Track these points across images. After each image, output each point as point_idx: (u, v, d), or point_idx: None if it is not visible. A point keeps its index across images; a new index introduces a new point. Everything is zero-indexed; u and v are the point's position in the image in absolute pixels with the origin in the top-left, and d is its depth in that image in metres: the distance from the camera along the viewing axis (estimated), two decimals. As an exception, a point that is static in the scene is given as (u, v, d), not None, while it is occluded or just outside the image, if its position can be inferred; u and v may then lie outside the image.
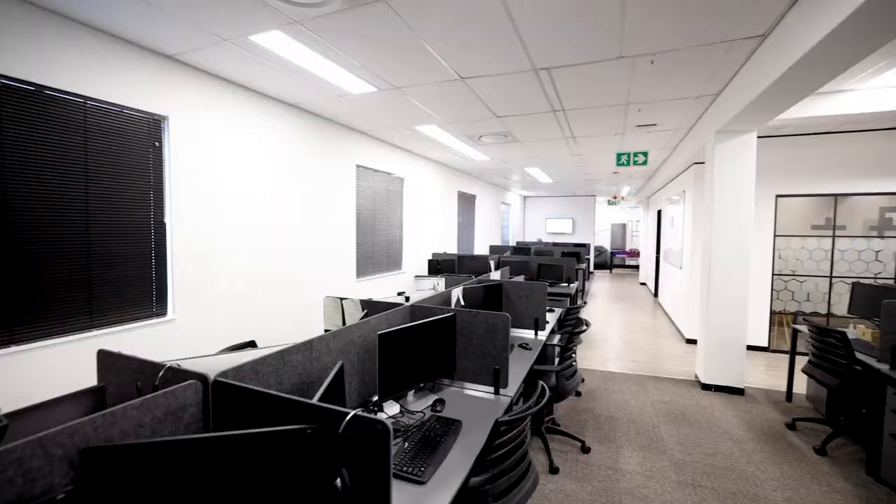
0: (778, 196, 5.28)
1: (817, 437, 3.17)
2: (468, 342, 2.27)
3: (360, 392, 1.96)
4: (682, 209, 6.56)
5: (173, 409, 1.07)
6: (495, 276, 4.07)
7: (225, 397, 1.17)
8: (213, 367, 1.28)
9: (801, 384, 3.95)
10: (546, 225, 14.19)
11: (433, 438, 1.63)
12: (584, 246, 12.07)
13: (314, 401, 1.07)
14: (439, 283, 4.06)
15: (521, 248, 9.34)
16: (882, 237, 5.02)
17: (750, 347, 5.19)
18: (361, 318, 2.17)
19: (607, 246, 16.26)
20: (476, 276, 3.90)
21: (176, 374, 1.21)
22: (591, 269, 14.07)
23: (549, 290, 5.83)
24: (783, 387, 4.10)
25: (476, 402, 2.04)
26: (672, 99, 3.87)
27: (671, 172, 7.16)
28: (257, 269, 3.75)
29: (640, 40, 2.70)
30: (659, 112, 4.29)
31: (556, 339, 3.38)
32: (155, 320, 2.95)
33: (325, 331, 1.83)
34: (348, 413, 0.97)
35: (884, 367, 2.63)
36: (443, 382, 2.29)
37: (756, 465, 2.83)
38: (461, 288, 3.02)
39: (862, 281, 4.43)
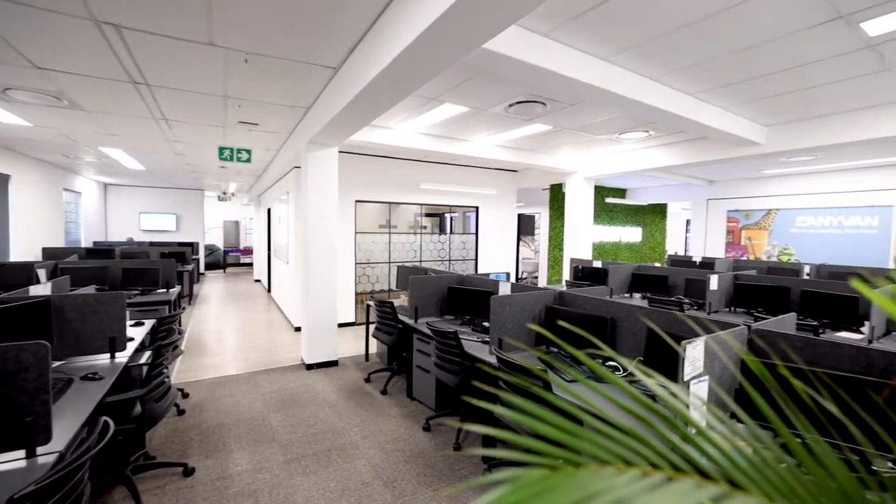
0: (357, 201, 6.67)
1: (382, 382, 4.27)
2: (-28, 394, 1.50)
3: None
4: (288, 208, 7.08)
5: None
6: (42, 290, 2.91)
7: None
8: None
9: (374, 346, 5.20)
10: (140, 221, 11.58)
11: None
12: (192, 245, 10.79)
13: None
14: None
15: (101, 250, 7.23)
16: (415, 234, 7.38)
17: (341, 325, 6.32)
18: None
19: (220, 244, 15.24)
20: (6, 294, 2.65)
21: None
22: (202, 269, 12.78)
23: (141, 298, 4.86)
24: (363, 351, 5.25)
25: (-9, 478, 1.39)
26: (271, 103, 4.07)
27: (277, 173, 7.56)
28: None
29: (230, 32, 2.66)
30: (260, 113, 4.40)
31: (146, 356, 2.84)
32: None
33: None
34: None
35: (411, 322, 3.88)
36: (-86, 471, 1.42)
37: (345, 420, 3.48)
38: (-39, 314, 1.97)
39: (404, 264, 6.36)
